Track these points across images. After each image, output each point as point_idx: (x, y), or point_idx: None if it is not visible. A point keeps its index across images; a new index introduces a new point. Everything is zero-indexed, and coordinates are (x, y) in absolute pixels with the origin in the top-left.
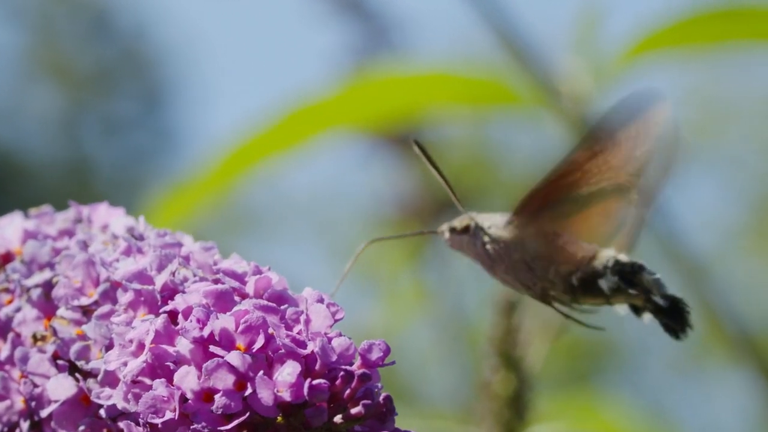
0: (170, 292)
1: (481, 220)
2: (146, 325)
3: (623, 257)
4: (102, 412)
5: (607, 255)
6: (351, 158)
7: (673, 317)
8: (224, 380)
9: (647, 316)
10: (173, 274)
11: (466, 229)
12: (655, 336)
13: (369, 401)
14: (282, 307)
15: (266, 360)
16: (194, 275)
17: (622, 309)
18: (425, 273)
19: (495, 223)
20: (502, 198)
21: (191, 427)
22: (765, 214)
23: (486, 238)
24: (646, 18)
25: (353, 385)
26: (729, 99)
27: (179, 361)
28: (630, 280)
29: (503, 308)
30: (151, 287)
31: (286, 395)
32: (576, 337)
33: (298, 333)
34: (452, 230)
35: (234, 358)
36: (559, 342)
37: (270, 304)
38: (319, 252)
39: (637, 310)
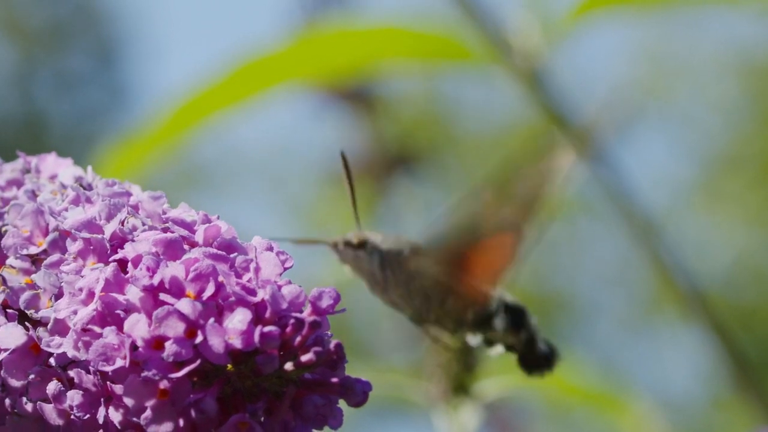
0: (119, 240)
1: (379, 241)
2: (96, 274)
3: (508, 297)
4: (52, 360)
5: (495, 294)
6: (303, 113)
7: (538, 359)
8: (175, 328)
9: (497, 349)
10: (122, 222)
11: (362, 245)
12: (606, 293)
13: (320, 348)
14: (231, 256)
15: (216, 308)
16: (143, 224)
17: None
18: (377, 228)
19: (397, 247)
20: (453, 153)
21: (142, 374)
22: (715, 172)
23: (388, 263)
24: None
25: (304, 332)
26: (679, 56)
27: (129, 309)
28: (518, 323)
29: None
30: (100, 236)
31: (237, 342)
32: (527, 294)
33: (248, 281)
34: (347, 244)
35: (184, 305)
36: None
37: (219, 252)
38: (271, 207)
39: (489, 342)
